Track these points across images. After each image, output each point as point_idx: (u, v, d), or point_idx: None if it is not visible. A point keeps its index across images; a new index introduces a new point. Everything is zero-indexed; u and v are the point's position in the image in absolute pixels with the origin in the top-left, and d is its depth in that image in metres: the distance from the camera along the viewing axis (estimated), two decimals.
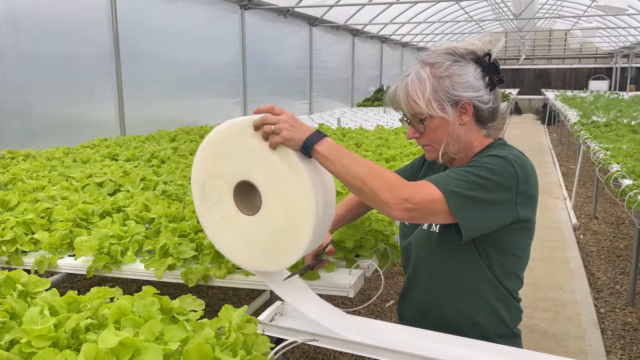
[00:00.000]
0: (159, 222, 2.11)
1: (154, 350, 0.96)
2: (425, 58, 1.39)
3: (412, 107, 1.36)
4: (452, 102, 1.34)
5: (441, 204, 1.22)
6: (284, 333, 1.30)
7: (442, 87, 1.33)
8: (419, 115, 1.36)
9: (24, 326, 1.07)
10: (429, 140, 1.40)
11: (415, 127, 1.39)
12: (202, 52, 7.51)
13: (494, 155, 1.31)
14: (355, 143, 4.43)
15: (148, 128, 5.79)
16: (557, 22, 19.24)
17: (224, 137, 1.29)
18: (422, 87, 1.34)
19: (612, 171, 3.77)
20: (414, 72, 1.37)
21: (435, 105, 1.33)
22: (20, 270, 1.41)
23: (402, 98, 1.37)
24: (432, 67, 1.35)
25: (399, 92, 1.38)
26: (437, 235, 1.40)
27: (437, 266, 1.42)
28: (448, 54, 1.36)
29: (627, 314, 3.54)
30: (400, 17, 13.19)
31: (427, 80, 1.34)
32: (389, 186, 1.20)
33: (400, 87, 1.38)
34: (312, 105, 11.22)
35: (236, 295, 3.73)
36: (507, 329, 1.41)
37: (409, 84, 1.36)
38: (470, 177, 1.25)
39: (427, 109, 1.34)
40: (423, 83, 1.34)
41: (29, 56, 4.90)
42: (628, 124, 6.57)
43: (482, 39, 1.41)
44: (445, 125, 1.36)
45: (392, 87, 1.41)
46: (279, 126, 1.20)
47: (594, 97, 13.37)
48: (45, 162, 3.61)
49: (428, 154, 1.44)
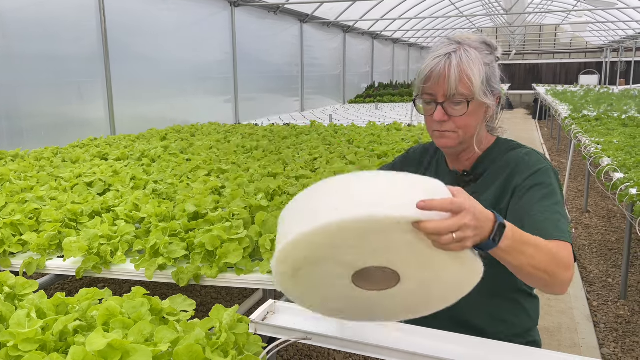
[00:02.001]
0: (149, 222, 2.08)
1: (143, 351, 0.94)
2: (465, 41, 1.31)
3: (464, 85, 1.27)
4: (490, 91, 1.31)
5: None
6: (276, 332, 1.28)
7: (487, 73, 1.29)
8: (467, 96, 1.28)
9: (11, 329, 1.05)
10: (458, 126, 1.32)
11: (453, 109, 1.30)
12: (192, 50, 7.46)
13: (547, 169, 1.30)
14: (347, 140, 4.42)
15: (138, 127, 5.74)
16: (547, 17, 19.31)
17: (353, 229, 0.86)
18: (477, 67, 1.27)
19: (603, 165, 3.78)
20: (463, 51, 1.27)
21: (484, 90, 1.28)
22: (7, 272, 1.38)
23: (454, 74, 1.26)
24: (477, 51, 1.29)
25: (452, 67, 1.26)
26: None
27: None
28: (484, 44, 1.32)
29: (619, 306, 3.56)
30: (391, 13, 13.17)
31: (479, 62, 1.28)
32: (564, 265, 1.07)
33: (452, 62, 1.26)
34: (303, 102, 11.20)
35: (229, 294, 3.71)
36: (531, 326, 1.44)
37: (464, 61, 1.26)
38: (560, 209, 1.23)
39: (479, 91, 1.27)
40: (477, 64, 1.27)
41: (16, 56, 4.84)
42: (618, 118, 6.60)
43: (493, 40, 1.38)
44: (480, 113, 1.32)
45: (435, 62, 1.28)
46: (461, 235, 0.88)
47: (585, 91, 13.44)
48: (34, 163, 3.57)
49: (445, 140, 1.34)
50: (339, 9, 11.36)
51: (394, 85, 15.52)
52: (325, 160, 3.40)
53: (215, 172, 3.14)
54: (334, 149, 3.94)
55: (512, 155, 1.37)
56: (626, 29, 16.82)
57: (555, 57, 26.16)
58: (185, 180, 2.93)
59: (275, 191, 2.50)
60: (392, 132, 4.93)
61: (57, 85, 5.30)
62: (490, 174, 1.38)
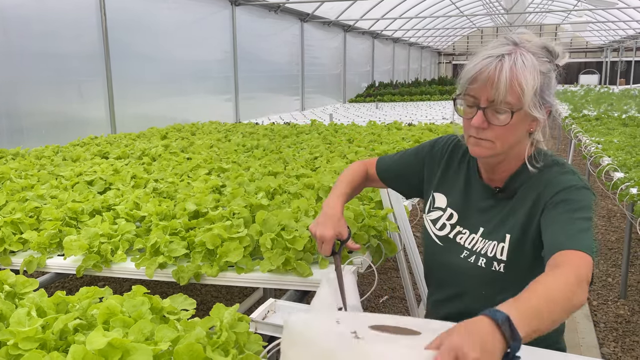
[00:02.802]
0: (150, 220, 2.08)
1: (143, 350, 0.94)
2: (525, 46, 1.18)
3: (514, 94, 1.15)
4: (542, 104, 1.19)
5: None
6: (277, 331, 1.28)
7: (542, 83, 1.17)
8: (513, 105, 1.16)
9: (11, 328, 1.05)
10: (496, 136, 1.20)
11: (495, 117, 1.19)
12: (193, 49, 7.46)
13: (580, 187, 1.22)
14: (347, 139, 4.42)
15: (139, 126, 5.74)
16: (548, 17, 19.30)
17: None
18: (531, 75, 1.14)
19: (604, 164, 3.78)
20: (519, 55, 1.16)
21: (534, 102, 1.16)
22: (7, 270, 1.38)
23: (505, 80, 1.14)
24: (535, 57, 1.17)
25: (503, 72, 1.14)
26: (502, 274, 1.29)
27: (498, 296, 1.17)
28: (546, 50, 1.20)
29: (619, 306, 3.56)
30: (391, 12, 13.17)
31: (535, 70, 1.15)
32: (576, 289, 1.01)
33: (505, 67, 1.14)
34: (304, 101, 11.20)
35: (229, 293, 3.71)
36: (559, 334, 1.39)
37: (518, 67, 1.14)
38: (583, 223, 1.15)
39: (529, 102, 1.15)
40: (532, 71, 1.15)
41: (17, 54, 4.84)
42: (619, 118, 6.60)
43: (557, 44, 1.25)
44: (524, 126, 1.21)
45: (486, 62, 1.17)
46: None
47: (585, 91, 13.43)
48: (34, 161, 3.57)
49: (480, 149, 1.24)
50: (340, 8, 11.35)
51: (394, 84, 15.52)
52: (326, 160, 3.40)
53: (215, 171, 3.14)
54: (335, 148, 3.94)
55: (548, 173, 1.28)
56: (626, 29, 16.82)
57: None
58: (186, 179, 2.93)
59: (276, 190, 2.50)
60: (392, 131, 4.93)
61: (58, 84, 5.30)
62: (525, 190, 1.29)
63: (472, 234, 1.36)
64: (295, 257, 1.72)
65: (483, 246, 1.33)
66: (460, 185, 1.42)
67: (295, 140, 4.48)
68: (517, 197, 1.30)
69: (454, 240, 1.39)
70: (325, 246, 1.37)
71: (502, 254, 1.29)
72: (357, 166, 1.64)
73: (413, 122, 6.30)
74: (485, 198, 1.37)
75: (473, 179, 1.40)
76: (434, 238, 1.44)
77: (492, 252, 1.30)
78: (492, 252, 1.30)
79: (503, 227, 1.30)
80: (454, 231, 1.40)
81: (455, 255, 1.38)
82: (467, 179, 1.41)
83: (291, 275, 1.71)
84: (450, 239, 1.40)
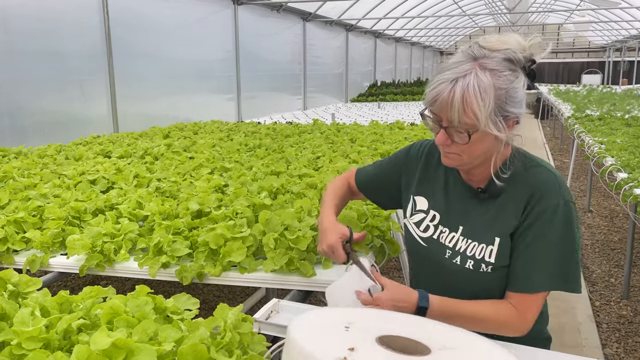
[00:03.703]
0: (153, 220, 2.08)
1: (147, 351, 0.94)
2: (484, 62, 1.19)
3: (468, 118, 1.18)
4: (504, 117, 1.20)
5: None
6: (280, 331, 1.28)
7: (500, 100, 1.18)
8: (471, 127, 1.19)
9: (15, 327, 1.05)
10: (461, 150, 1.25)
11: (456, 136, 1.22)
12: (195, 48, 7.45)
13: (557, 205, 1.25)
14: (350, 138, 4.42)
15: (141, 125, 5.74)
16: (550, 16, 19.26)
17: None
18: (485, 98, 1.16)
19: (607, 165, 3.77)
20: (474, 76, 1.17)
21: (493, 120, 1.18)
22: (11, 269, 1.38)
23: (458, 105, 1.17)
24: (492, 75, 1.17)
25: (455, 98, 1.17)
26: (489, 274, 1.33)
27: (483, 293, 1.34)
28: (508, 61, 1.19)
29: (622, 307, 3.55)
30: (393, 11, 13.15)
31: (491, 91, 1.16)
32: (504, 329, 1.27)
33: (457, 92, 1.17)
34: (306, 100, 11.19)
35: (232, 292, 3.71)
36: (544, 325, 1.46)
37: (470, 91, 1.16)
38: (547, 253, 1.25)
39: (485, 125, 1.17)
40: (487, 94, 1.16)
41: (19, 52, 4.84)
42: (622, 118, 6.58)
43: (532, 40, 1.23)
44: (488, 140, 1.23)
45: (441, 87, 1.19)
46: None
47: (587, 91, 13.40)
48: (37, 160, 3.57)
49: (449, 161, 1.30)
50: (342, 7, 11.34)
51: (397, 83, 15.50)
52: (328, 159, 3.39)
53: (218, 170, 3.14)
54: (337, 147, 3.93)
55: (531, 177, 1.30)
56: (629, 29, 16.77)
57: (558, 56, 26.10)
58: (189, 178, 2.93)
59: (279, 190, 2.50)
60: (394, 131, 4.92)
61: (60, 83, 5.30)
62: (511, 193, 1.31)
63: (452, 232, 1.38)
64: (298, 257, 1.71)
65: (467, 246, 1.35)
66: (440, 185, 1.45)
67: (297, 139, 4.47)
68: (504, 199, 1.32)
69: (437, 240, 1.41)
70: (336, 252, 1.40)
71: (490, 256, 1.32)
72: (339, 181, 1.67)
73: (415, 121, 6.29)
74: (467, 197, 1.39)
75: (453, 178, 1.43)
76: (418, 240, 1.46)
77: (480, 254, 1.33)
78: (481, 254, 1.32)
79: (492, 230, 1.32)
80: (437, 231, 1.42)
81: (440, 255, 1.40)
82: (446, 178, 1.44)
83: (294, 275, 1.70)
84: (434, 239, 1.42)
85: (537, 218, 1.26)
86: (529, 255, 1.26)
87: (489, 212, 1.34)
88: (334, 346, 0.86)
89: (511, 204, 1.31)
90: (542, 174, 1.30)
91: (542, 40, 1.24)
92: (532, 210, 1.27)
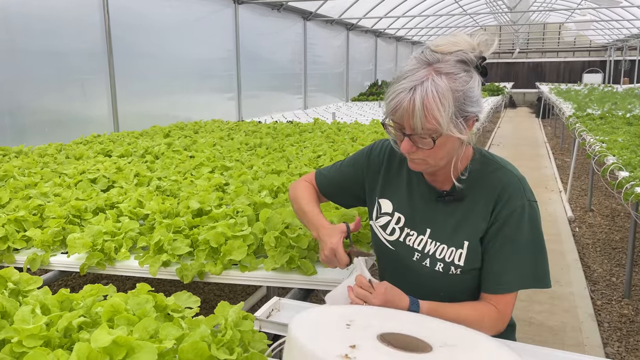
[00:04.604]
0: (153, 218, 2.08)
1: (148, 348, 0.94)
2: (438, 67, 1.20)
3: (430, 124, 1.19)
4: (464, 118, 1.23)
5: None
6: (281, 329, 1.28)
7: (459, 102, 1.20)
8: (434, 132, 1.21)
9: (15, 325, 1.05)
10: (426, 155, 1.27)
11: (420, 142, 1.24)
12: (196, 47, 7.45)
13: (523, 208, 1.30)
14: (350, 137, 4.41)
15: (141, 124, 5.74)
16: (551, 15, 19.23)
17: None
18: (444, 103, 1.18)
19: (609, 163, 3.76)
20: (431, 82, 1.18)
21: (454, 123, 1.20)
22: (11, 268, 1.38)
23: (419, 113, 1.18)
24: (448, 79, 1.19)
25: (415, 106, 1.18)
26: (459, 276, 1.35)
27: (457, 295, 1.37)
28: (461, 63, 1.21)
29: (623, 306, 3.55)
30: (394, 10, 13.13)
31: (449, 95, 1.18)
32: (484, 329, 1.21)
33: (416, 100, 1.18)
34: (306, 100, 11.18)
35: (232, 291, 3.71)
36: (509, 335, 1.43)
37: (429, 97, 1.17)
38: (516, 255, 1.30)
39: (447, 129, 1.19)
40: (446, 98, 1.18)
41: (19, 51, 4.84)
42: (623, 117, 6.57)
43: (479, 37, 1.25)
44: (452, 142, 1.26)
45: (400, 97, 1.20)
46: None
47: (588, 90, 13.38)
48: (38, 159, 3.57)
49: (416, 166, 1.32)
50: (343, 6, 11.32)
51: None
52: (329, 158, 3.39)
53: (218, 169, 3.13)
54: (338, 146, 3.93)
55: (495, 180, 1.33)
56: (630, 28, 16.74)
57: (559, 55, 26.07)
58: (189, 177, 2.93)
59: (279, 188, 2.49)
60: None
61: (61, 82, 5.30)
62: (476, 194, 1.34)
63: (420, 235, 1.39)
64: (299, 255, 1.71)
65: (435, 249, 1.36)
66: (403, 187, 1.45)
67: (298, 138, 4.47)
68: (470, 202, 1.35)
69: (404, 243, 1.42)
70: (338, 254, 1.37)
71: (460, 259, 1.34)
72: (305, 186, 1.65)
73: None
74: (431, 199, 1.40)
75: (416, 179, 1.43)
76: (386, 243, 1.46)
77: (450, 257, 1.35)
78: (450, 257, 1.34)
79: (460, 233, 1.34)
80: (403, 234, 1.42)
81: (408, 258, 1.41)
82: (409, 180, 1.45)
83: (295, 273, 1.70)
84: (401, 242, 1.42)
85: (505, 221, 1.30)
86: (502, 257, 1.31)
87: (456, 214, 1.35)
88: (335, 344, 0.85)
89: (478, 207, 1.33)
90: (506, 177, 1.34)
91: (488, 37, 1.27)
92: (499, 214, 1.31)
